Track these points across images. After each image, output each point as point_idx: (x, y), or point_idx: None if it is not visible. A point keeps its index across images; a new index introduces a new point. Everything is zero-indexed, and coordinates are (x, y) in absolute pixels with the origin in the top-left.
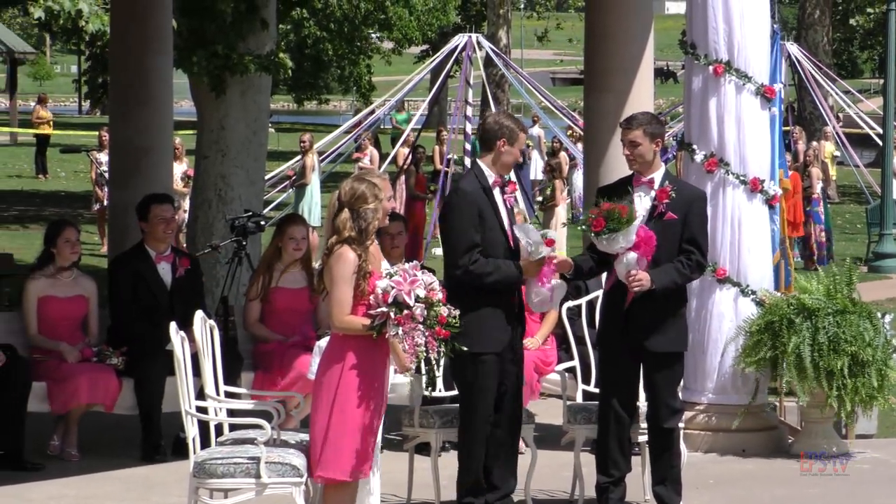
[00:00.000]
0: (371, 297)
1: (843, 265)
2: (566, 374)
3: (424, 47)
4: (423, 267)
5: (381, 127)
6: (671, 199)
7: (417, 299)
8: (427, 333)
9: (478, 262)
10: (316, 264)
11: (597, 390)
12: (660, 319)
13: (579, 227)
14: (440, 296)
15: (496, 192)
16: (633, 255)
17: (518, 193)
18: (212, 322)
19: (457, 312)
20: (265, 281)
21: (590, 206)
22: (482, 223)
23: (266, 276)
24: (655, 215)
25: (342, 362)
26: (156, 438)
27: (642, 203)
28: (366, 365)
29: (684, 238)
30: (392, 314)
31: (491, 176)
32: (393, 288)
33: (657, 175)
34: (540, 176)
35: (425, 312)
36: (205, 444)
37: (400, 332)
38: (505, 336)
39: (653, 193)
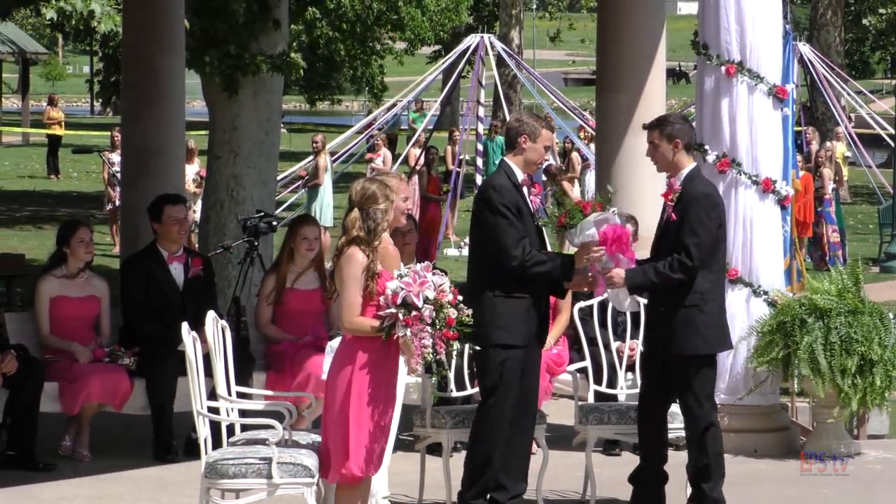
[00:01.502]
0: (381, 299)
1: (850, 265)
2: (578, 375)
3: (437, 48)
4: (435, 268)
5: (401, 128)
6: (675, 200)
7: (426, 301)
8: (435, 335)
9: (532, 253)
10: (328, 265)
11: (608, 391)
12: (666, 322)
13: (540, 223)
14: (450, 297)
15: (525, 190)
16: (602, 254)
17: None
18: (224, 322)
19: (469, 311)
20: (278, 282)
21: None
22: (520, 217)
23: (279, 277)
24: (666, 217)
25: (353, 363)
26: (167, 439)
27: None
28: (377, 365)
29: (676, 239)
30: (401, 315)
31: (520, 174)
32: (402, 289)
33: (680, 175)
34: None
35: (434, 314)
36: (216, 444)
37: (408, 333)
38: (533, 330)
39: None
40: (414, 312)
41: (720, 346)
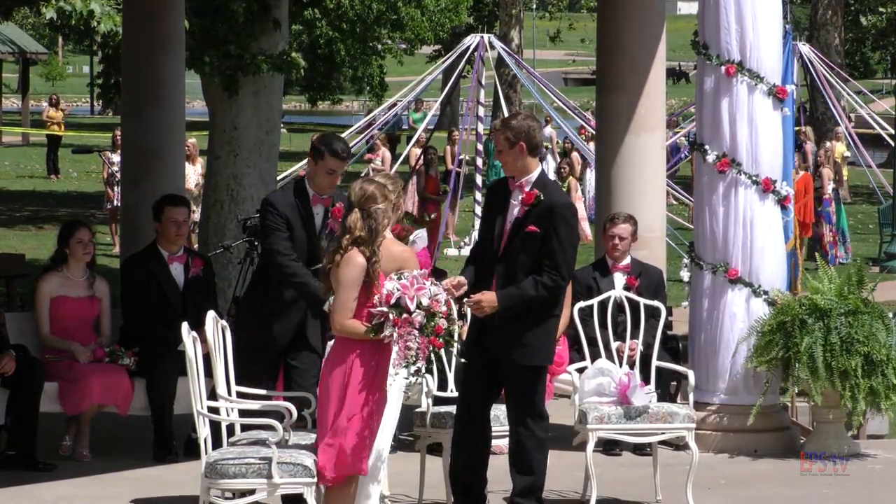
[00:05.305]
0: (375, 297)
1: (855, 265)
2: (578, 375)
3: (436, 47)
4: (435, 268)
5: (402, 128)
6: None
7: (419, 306)
8: (421, 341)
9: None
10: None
11: None
12: None
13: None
14: (443, 308)
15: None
16: None
17: None
18: (223, 322)
19: (455, 327)
20: None
21: (601, 205)
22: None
23: None
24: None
25: (345, 363)
26: (168, 439)
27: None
28: (371, 362)
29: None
30: (391, 315)
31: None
32: (398, 290)
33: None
34: (553, 177)
35: (424, 321)
36: (216, 444)
37: (395, 333)
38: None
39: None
40: (405, 315)
41: None
